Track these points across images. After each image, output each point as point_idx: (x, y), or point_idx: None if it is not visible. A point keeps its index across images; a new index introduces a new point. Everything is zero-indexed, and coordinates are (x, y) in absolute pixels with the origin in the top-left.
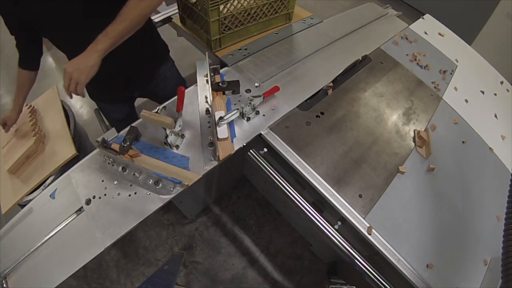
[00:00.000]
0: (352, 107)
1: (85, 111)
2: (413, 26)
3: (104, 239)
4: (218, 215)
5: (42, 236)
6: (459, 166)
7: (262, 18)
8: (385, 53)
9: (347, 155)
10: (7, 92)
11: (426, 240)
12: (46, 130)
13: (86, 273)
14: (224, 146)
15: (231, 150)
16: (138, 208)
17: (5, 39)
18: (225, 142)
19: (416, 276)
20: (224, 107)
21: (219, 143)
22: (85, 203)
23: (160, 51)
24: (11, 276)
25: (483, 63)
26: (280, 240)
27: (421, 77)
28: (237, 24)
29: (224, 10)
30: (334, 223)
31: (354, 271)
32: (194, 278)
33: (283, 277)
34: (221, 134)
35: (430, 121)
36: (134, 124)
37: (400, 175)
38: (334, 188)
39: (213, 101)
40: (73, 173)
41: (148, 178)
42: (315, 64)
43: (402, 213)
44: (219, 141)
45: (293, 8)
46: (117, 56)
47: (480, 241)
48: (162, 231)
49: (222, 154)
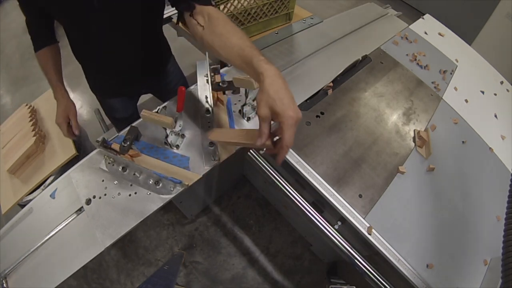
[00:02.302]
0: (352, 107)
1: (85, 111)
2: (413, 26)
3: (104, 239)
4: (218, 215)
5: (42, 236)
6: (459, 166)
7: (262, 18)
8: (385, 53)
9: (347, 155)
10: (7, 92)
11: (426, 240)
12: (46, 130)
13: (86, 273)
14: (225, 146)
15: (231, 150)
16: (138, 208)
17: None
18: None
19: (416, 276)
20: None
21: (219, 143)
22: (85, 203)
23: (166, 46)
24: (11, 276)
25: (483, 63)
26: (280, 240)
27: (421, 77)
28: (237, 24)
29: (224, 10)
30: (334, 223)
31: (354, 271)
32: (194, 278)
33: (283, 277)
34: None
35: (430, 121)
36: (134, 124)
37: (400, 175)
38: (334, 188)
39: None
40: (73, 173)
41: (148, 178)
42: (315, 64)
43: (402, 213)
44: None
45: (293, 8)
46: (134, 51)
47: (480, 241)
48: (162, 231)
49: (222, 154)
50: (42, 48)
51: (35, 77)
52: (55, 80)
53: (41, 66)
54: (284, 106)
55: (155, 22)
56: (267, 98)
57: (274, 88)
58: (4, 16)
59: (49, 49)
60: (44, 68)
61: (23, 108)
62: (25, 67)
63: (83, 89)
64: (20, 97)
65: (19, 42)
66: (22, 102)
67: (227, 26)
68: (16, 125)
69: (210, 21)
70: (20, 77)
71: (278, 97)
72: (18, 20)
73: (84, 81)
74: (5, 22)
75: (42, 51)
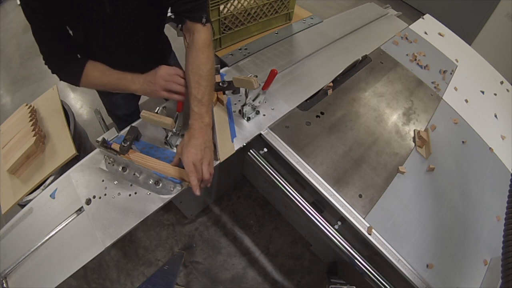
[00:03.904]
0: (352, 107)
1: (85, 111)
2: (413, 26)
3: (104, 239)
4: (218, 215)
5: (42, 236)
6: (459, 166)
7: (262, 18)
8: (385, 53)
9: (347, 155)
10: (7, 92)
11: (426, 240)
12: (46, 130)
13: (86, 273)
14: (224, 146)
15: (231, 150)
16: (138, 208)
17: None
18: (225, 142)
19: (416, 276)
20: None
21: (219, 143)
22: (85, 203)
23: (168, 43)
24: (11, 276)
25: (483, 63)
26: (280, 240)
27: (421, 77)
28: (237, 24)
29: (224, 10)
30: (334, 223)
31: (354, 271)
32: (194, 278)
33: (283, 277)
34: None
35: (430, 121)
36: (134, 124)
37: (400, 175)
38: (334, 188)
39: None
40: (73, 173)
41: (148, 178)
42: (315, 64)
43: (402, 213)
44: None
45: (293, 8)
46: (138, 51)
47: (480, 241)
48: (162, 231)
49: (222, 154)
50: (86, 64)
51: (35, 77)
52: (122, 73)
53: (99, 80)
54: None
55: (160, 24)
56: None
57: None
58: (4, 16)
59: (90, 61)
60: (104, 78)
61: (23, 108)
62: (25, 67)
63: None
64: (20, 97)
65: (19, 42)
66: (22, 102)
67: (199, 56)
68: (16, 125)
69: (192, 42)
70: (20, 77)
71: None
72: (18, 20)
73: None
74: (5, 22)
75: (89, 65)
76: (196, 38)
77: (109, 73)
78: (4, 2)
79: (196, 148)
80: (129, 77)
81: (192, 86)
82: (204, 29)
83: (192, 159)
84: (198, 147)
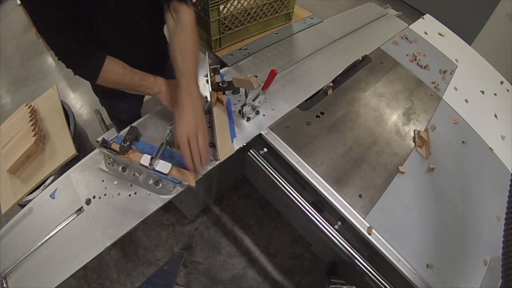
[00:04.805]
0: (352, 107)
1: (85, 111)
2: (413, 26)
3: (104, 239)
4: (218, 215)
5: (42, 236)
6: (459, 166)
7: (262, 18)
8: (385, 53)
9: (347, 155)
10: (7, 92)
11: (426, 240)
12: (46, 130)
13: (86, 273)
14: (224, 146)
15: (231, 150)
16: (138, 208)
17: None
18: (225, 142)
19: (416, 276)
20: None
21: (219, 143)
22: (85, 203)
23: (166, 43)
24: (11, 276)
25: (483, 63)
26: (280, 240)
27: (421, 77)
28: (237, 24)
29: (224, 10)
30: (334, 223)
31: (354, 271)
32: (194, 278)
33: (283, 277)
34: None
35: (430, 121)
36: (134, 124)
37: (400, 175)
38: (334, 188)
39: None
40: (73, 173)
41: (148, 178)
42: (315, 64)
43: (402, 213)
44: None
45: (293, 8)
46: (141, 50)
47: (480, 241)
48: (162, 231)
49: (222, 154)
50: (105, 59)
51: (35, 77)
52: (144, 73)
53: (121, 77)
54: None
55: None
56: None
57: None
58: (4, 16)
59: (109, 56)
60: (126, 77)
61: (23, 108)
62: (25, 67)
63: (83, 89)
64: (20, 97)
65: (19, 42)
66: (22, 102)
67: (186, 36)
68: (16, 125)
69: (178, 22)
70: (20, 77)
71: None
72: (18, 20)
73: (84, 81)
74: (5, 22)
75: (109, 61)
76: (182, 18)
77: (131, 71)
78: (4, 2)
79: (189, 121)
80: (152, 79)
81: (179, 62)
82: (189, 10)
83: (186, 133)
84: (190, 120)
